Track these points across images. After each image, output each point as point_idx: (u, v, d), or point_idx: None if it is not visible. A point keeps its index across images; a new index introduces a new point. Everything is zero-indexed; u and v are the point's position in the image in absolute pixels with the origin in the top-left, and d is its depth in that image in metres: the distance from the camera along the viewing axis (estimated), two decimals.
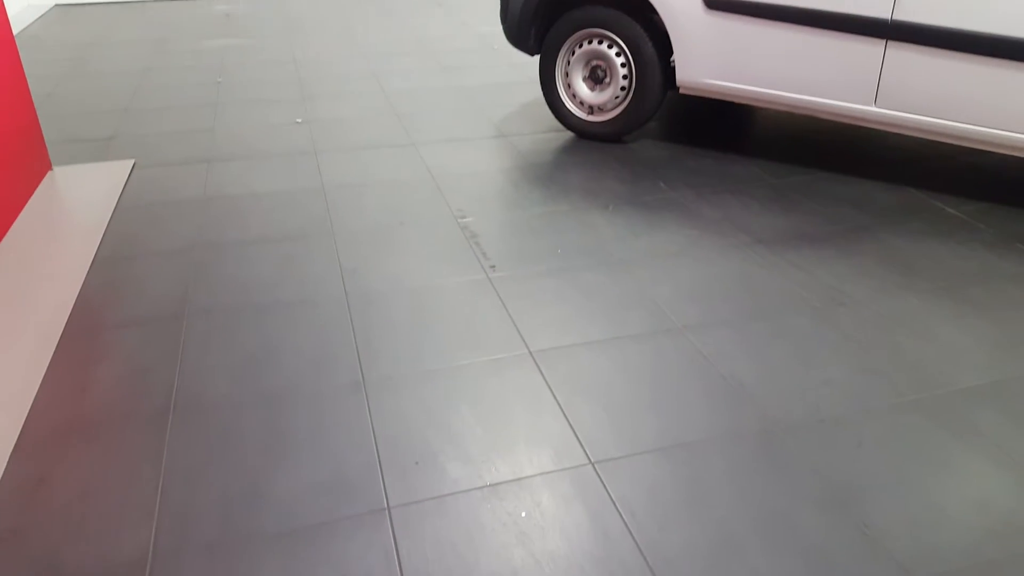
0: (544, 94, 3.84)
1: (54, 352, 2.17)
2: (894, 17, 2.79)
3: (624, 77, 3.55)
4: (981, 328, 2.28)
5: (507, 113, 4.18)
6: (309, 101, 4.38)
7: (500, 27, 4.20)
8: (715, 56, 3.25)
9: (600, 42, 3.55)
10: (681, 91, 3.46)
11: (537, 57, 3.92)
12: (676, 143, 3.75)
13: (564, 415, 1.92)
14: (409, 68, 5.04)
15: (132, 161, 3.51)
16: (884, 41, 2.85)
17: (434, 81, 4.75)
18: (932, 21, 2.72)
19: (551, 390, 2.01)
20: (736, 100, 3.34)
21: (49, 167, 3.39)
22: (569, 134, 3.87)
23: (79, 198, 3.13)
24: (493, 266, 2.64)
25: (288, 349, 2.19)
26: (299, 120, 4.06)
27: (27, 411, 1.94)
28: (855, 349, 2.18)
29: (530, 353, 2.16)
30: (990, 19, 2.61)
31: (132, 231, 2.89)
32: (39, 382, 2.05)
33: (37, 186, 3.20)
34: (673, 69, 3.43)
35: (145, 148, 3.68)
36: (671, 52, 3.41)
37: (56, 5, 7.06)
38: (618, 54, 3.52)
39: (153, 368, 2.10)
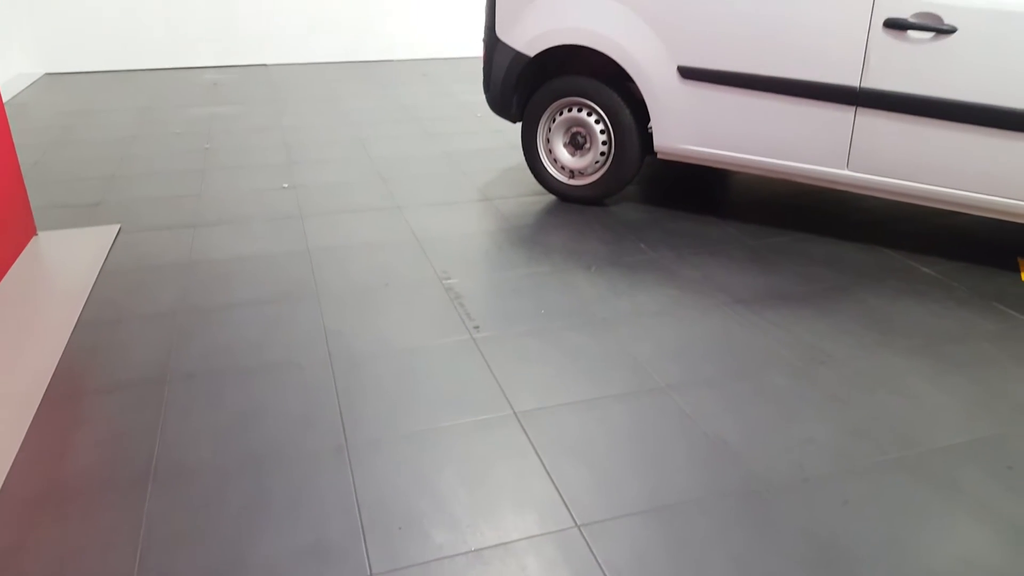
0: (526, 159, 3.94)
1: (33, 417, 2.14)
2: (862, 85, 2.92)
3: (603, 143, 3.65)
4: (960, 386, 2.32)
5: (490, 178, 4.27)
6: (296, 167, 4.45)
7: (483, 96, 4.34)
8: (691, 123, 3.37)
9: (580, 110, 3.67)
10: (659, 156, 3.57)
11: (519, 124, 4.04)
12: (655, 206, 3.84)
13: (549, 477, 1.91)
14: (394, 135, 5.15)
15: (117, 226, 3.53)
16: (854, 108, 2.97)
17: (419, 147, 4.86)
18: (898, 88, 2.85)
19: (536, 451, 2.00)
20: (712, 165, 3.44)
21: (34, 232, 3.39)
22: (551, 197, 3.95)
23: (63, 262, 3.13)
24: (477, 327, 2.65)
25: (271, 412, 2.17)
26: (285, 185, 4.12)
27: (5, 477, 1.89)
28: (837, 407, 2.20)
29: (515, 414, 2.16)
30: (953, 86, 2.75)
31: (116, 295, 2.88)
32: (18, 447, 2.00)
33: (22, 251, 3.20)
34: (651, 135, 3.54)
35: (131, 214, 3.71)
36: (648, 119, 3.53)
37: (46, 74, 7.19)
38: (597, 121, 3.64)
39: (134, 433, 2.07)
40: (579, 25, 3.45)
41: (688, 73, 3.28)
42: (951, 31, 2.69)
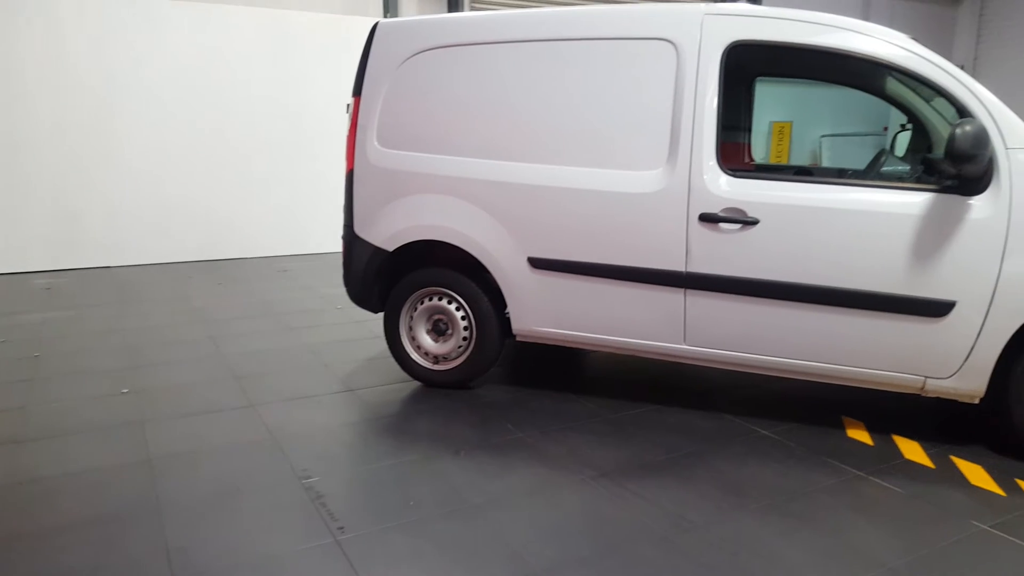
0: (390, 347, 3.97)
1: None
2: (688, 270, 3.28)
3: (465, 328, 3.79)
4: (810, 540, 2.44)
5: (353, 368, 4.24)
6: (138, 370, 4.19)
7: (343, 289, 4.41)
8: (544, 307, 3.59)
9: (440, 298, 3.82)
10: (518, 339, 3.73)
11: (381, 314, 4.12)
12: (519, 385, 3.94)
13: None
14: (250, 331, 5.04)
15: None
16: (683, 290, 3.31)
17: (277, 342, 4.77)
18: (717, 271, 3.23)
19: None
20: (568, 344, 3.65)
21: None
22: (416, 384, 3.96)
23: None
24: (341, 528, 2.50)
25: None
26: (125, 390, 3.85)
27: None
28: (704, 574, 2.23)
29: None
30: (760, 268, 3.15)
31: None
32: None
33: None
34: (509, 320, 3.72)
35: None
36: (506, 305, 3.72)
37: None
38: (458, 308, 3.79)
39: None
40: (435, 222, 3.69)
41: (537, 263, 3.55)
42: (755, 222, 3.14)
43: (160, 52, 7.33)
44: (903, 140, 4.16)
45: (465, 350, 3.82)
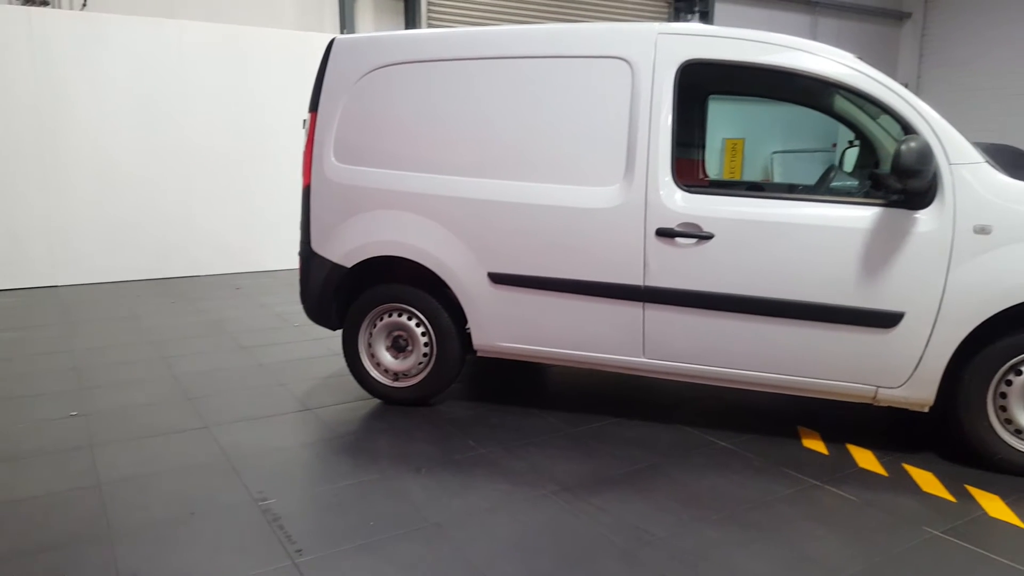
0: (348, 365, 3.91)
1: None
2: (646, 284, 3.31)
3: (425, 344, 3.75)
4: (767, 550, 2.47)
5: (311, 387, 4.17)
6: (87, 392, 4.05)
7: (300, 306, 4.34)
8: (504, 322, 3.58)
9: (400, 314, 3.79)
10: (479, 354, 3.71)
11: (340, 331, 4.07)
12: (481, 401, 3.92)
13: None
14: (203, 350, 4.92)
15: None
16: (642, 303, 3.34)
17: (231, 361, 4.66)
18: (674, 285, 3.27)
19: None
20: (528, 359, 3.64)
21: None
22: (376, 401, 3.91)
23: None
24: (299, 550, 2.44)
25: None
26: (74, 413, 3.72)
27: None
28: None
29: None
30: (716, 281, 3.20)
31: None
32: None
33: None
34: (469, 335, 3.70)
35: None
36: (466, 320, 3.71)
37: None
38: (418, 324, 3.76)
39: None
40: (394, 238, 3.66)
41: (497, 278, 3.54)
42: (710, 237, 3.19)
43: (108, 68, 7.15)
44: (851, 156, 4.29)
45: (426, 366, 3.78)
